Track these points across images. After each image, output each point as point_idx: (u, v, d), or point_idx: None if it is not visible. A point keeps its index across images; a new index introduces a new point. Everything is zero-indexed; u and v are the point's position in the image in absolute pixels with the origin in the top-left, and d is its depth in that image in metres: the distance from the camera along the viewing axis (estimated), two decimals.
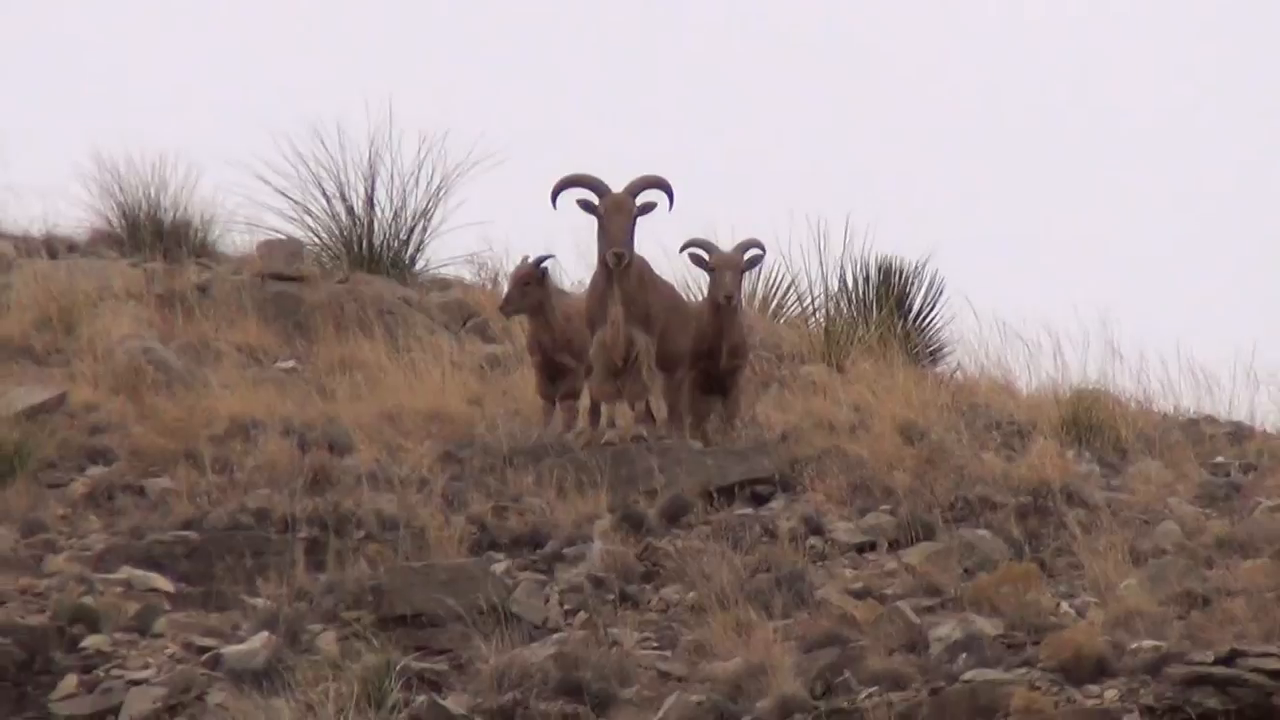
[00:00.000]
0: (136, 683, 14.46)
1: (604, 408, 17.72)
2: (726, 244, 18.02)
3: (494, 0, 47.93)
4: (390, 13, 47.40)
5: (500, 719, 14.34)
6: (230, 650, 14.72)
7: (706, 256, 17.93)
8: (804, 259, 23.40)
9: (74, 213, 24.22)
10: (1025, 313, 24.17)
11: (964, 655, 14.67)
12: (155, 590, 15.39)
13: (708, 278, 18.10)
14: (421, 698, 14.32)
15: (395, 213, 24.05)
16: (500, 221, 25.74)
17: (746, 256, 18.05)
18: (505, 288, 19.08)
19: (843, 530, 16.73)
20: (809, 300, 23.50)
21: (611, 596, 15.84)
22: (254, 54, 45.74)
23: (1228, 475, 17.95)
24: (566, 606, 15.69)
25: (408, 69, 43.79)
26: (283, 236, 23.78)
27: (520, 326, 19.14)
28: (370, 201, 24.11)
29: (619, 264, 17.32)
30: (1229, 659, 14.22)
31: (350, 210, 24.12)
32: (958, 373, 21.67)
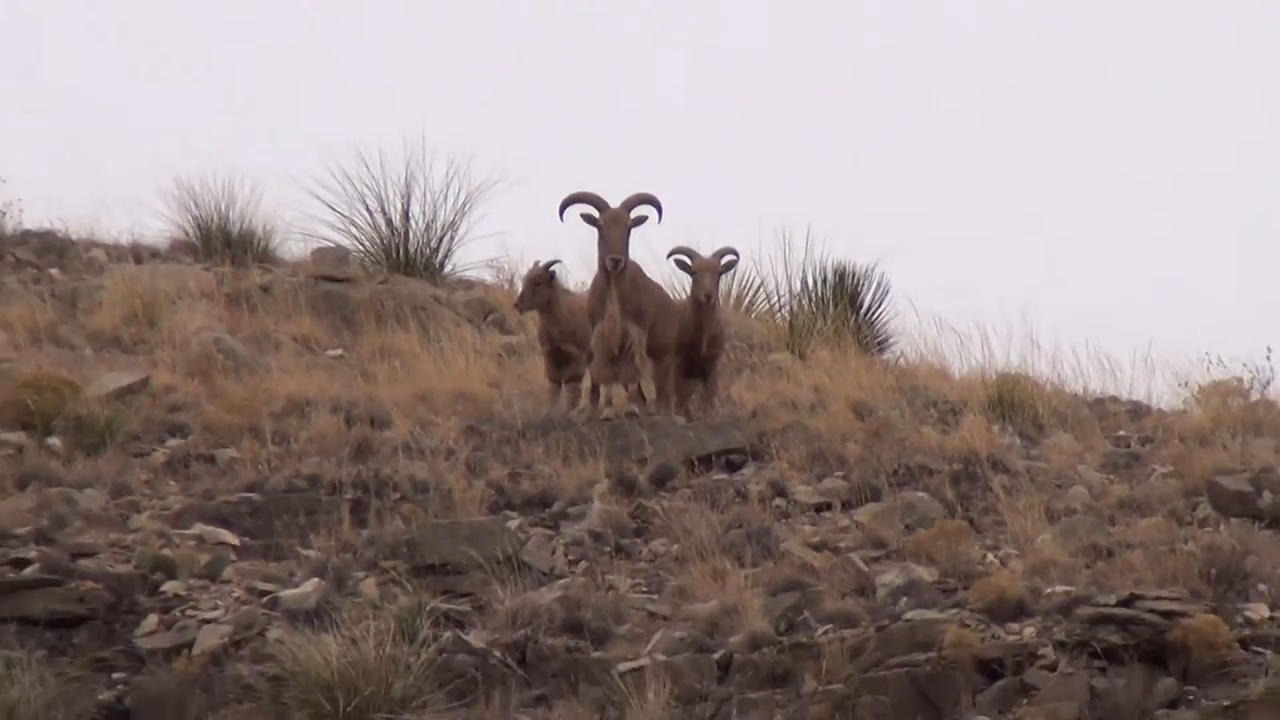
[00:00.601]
0: (207, 621, 14.42)
1: (602, 389, 17.60)
2: (706, 251, 17.87)
3: (508, 45, 47.79)
4: (424, 54, 47.21)
5: (514, 652, 14.26)
6: (286, 594, 14.68)
7: (689, 261, 17.78)
8: (771, 263, 23.20)
9: (156, 224, 24.11)
10: (958, 308, 24.29)
11: (905, 598, 14.60)
12: (223, 543, 15.33)
13: (690, 280, 17.93)
14: (447, 634, 14.27)
15: (427, 225, 23.89)
16: (515, 232, 25.43)
17: (723, 261, 17.92)
18: (520, 288, 18.93)
19: (803, 493, 16.63)
20: (775, 298, 23.31)
21: (608, 548, 15.74)
22: (308, 90, 45.60)
23: (1128, 447, 17.87)
24: (570, 557, 15.62)
25: (438, 103, 43.62)
26: (332, 244, 23.70)
27: (532, 321, 19.01)
28: (406, 215, 23.94)
29: (616, 268, 17.21)
30: (1128, 602, 14.19)
31: (389, 222, 23.95)
32: (900, 359, 21.54)
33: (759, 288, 23.47)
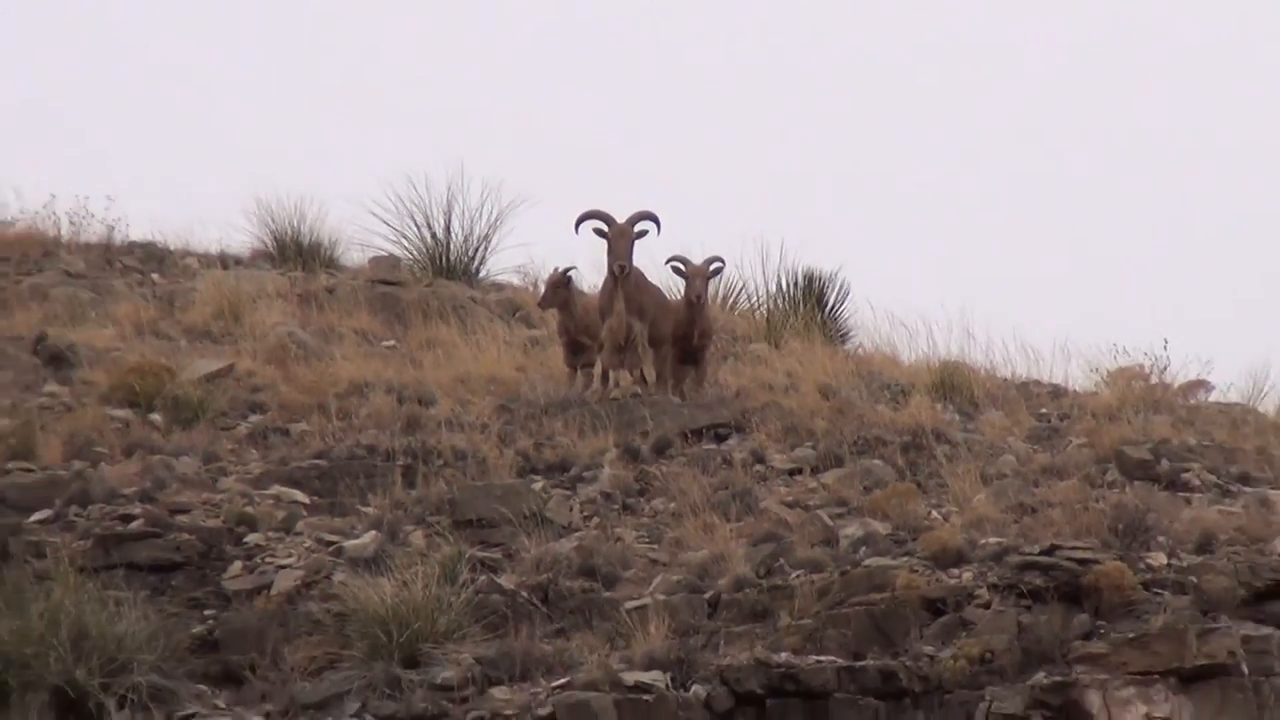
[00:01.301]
0: (283, 567, 14.33)
1: (611, 374, 17.43)
2: (697, 259, 17.72)
3: (530, 83, 47.93)
4: (462, 93, 47.33)
5: (538, 592, 14.15)
6: (349, 544, 14.57)
7: (683, 267, 17.59)
8: (751, 269, 23.09)
9: (240, 237, 24.01)
10: (907, 306, 24.33)
11: (864, 548, 14.50)
12: (296, 502, 15.26)
13: (684, 283, 17.77)
14: (482, 577, 14.15)
15: (465, 237, 23.71)
16: (538, 243, 25.53)
17: (711, 268, 17.72)
18: (542, 290, 18.81)
19: (778, 460, 16.49)
20: (755, 298, 23.19)
21: (616, 506, 15.64)
22: (368, 122, 45.73)
23: (1049, 422, 17.76)
24: (584, 513, 15.49)
25: (475, 134, 43.74)
26: (386, 254, 23.51)
27: (552, 317, 18.89)
28: (447, 229, 23.76)
29: (622, 274, 17.07)
30: (1049, 551, 14.11)
31: (434, 235, 23.78)
32: (859, 349, 21.42)
33: (741, 289, 23.32)
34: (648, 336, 17.34)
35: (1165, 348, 19.13)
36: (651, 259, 17.80)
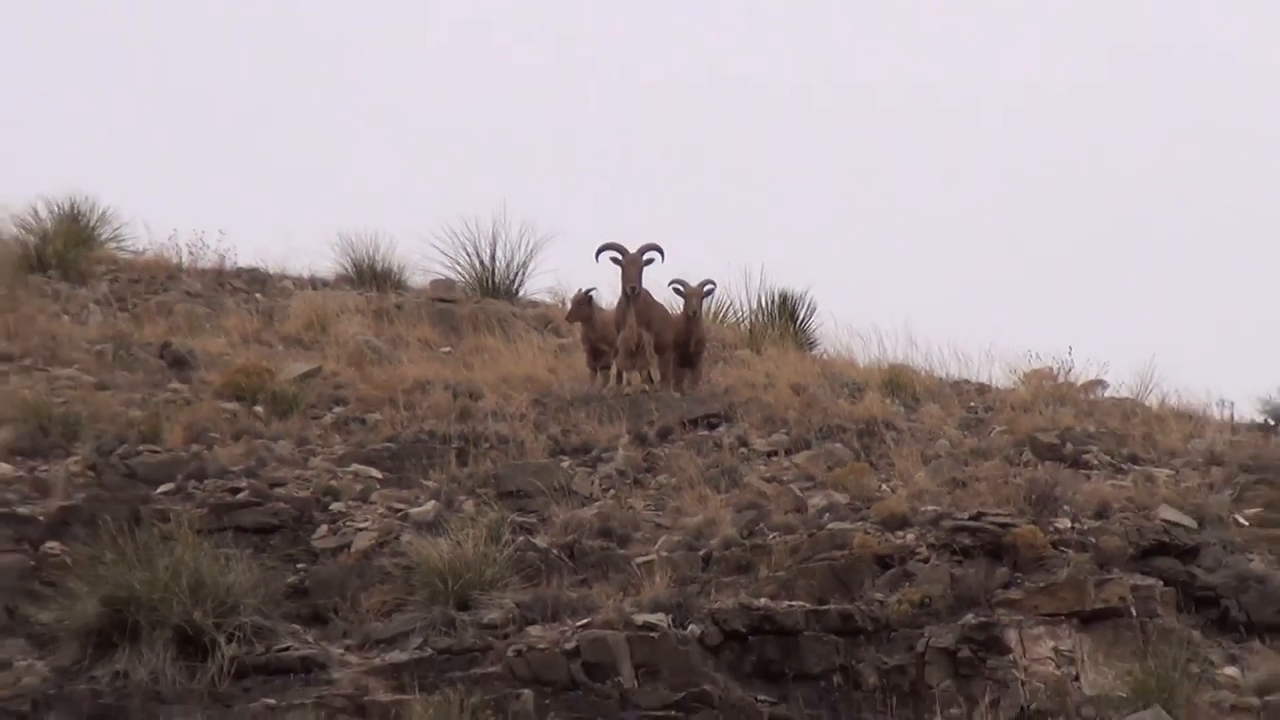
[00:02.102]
0: (360, 530, 14.28)
1: (624, 375, 17.27)
2: (694, 280, 17.54)
3: (566, 132, 47.77)
4: (501, 143, 47.16)
5: (566, 550, 14.11)
6: (413, 510, 14.51)
7: (682, 288, 17.42)
8: (737, 289, 22.86)
9: (326, 264, 23.84)
10: (862, 318, 24.23)
11: (827, 514, 14.42)
12: (371, 477, 15.17)
13: (683, 301, 17.59)
14: (521, 537, 14.09)
15: (507, 264, 23.49)
16: (565, 268, 25.36)
17: (705, 289, 17.55)
18: (569, 306, 18.67)
19: (759, 444, 16.34)
20: (740, 313, 23.00)
21: (628, 481, 15.51)
22: (429, 167, 45.59)
23: (976, 413, 17.63)
24: (603, 486, 15.36)
25: (513, 178, 43.55)
26: (444, 277, 23.43)
27: (576, 329, 18.75)
28: (493, 257, 23.54)
29: (633, 294, 16.92)
30: (977, 517, 14.03)
31: (481, 262, 23.62)
32: (824, 354, 21.24)
33: (729, 306, 23.05)
34: (654, 344, 17.16)
35: (1070, 353, 19.04)
36: (657, 281, 17.68)
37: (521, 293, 23.23)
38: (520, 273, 23.31)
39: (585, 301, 17.84)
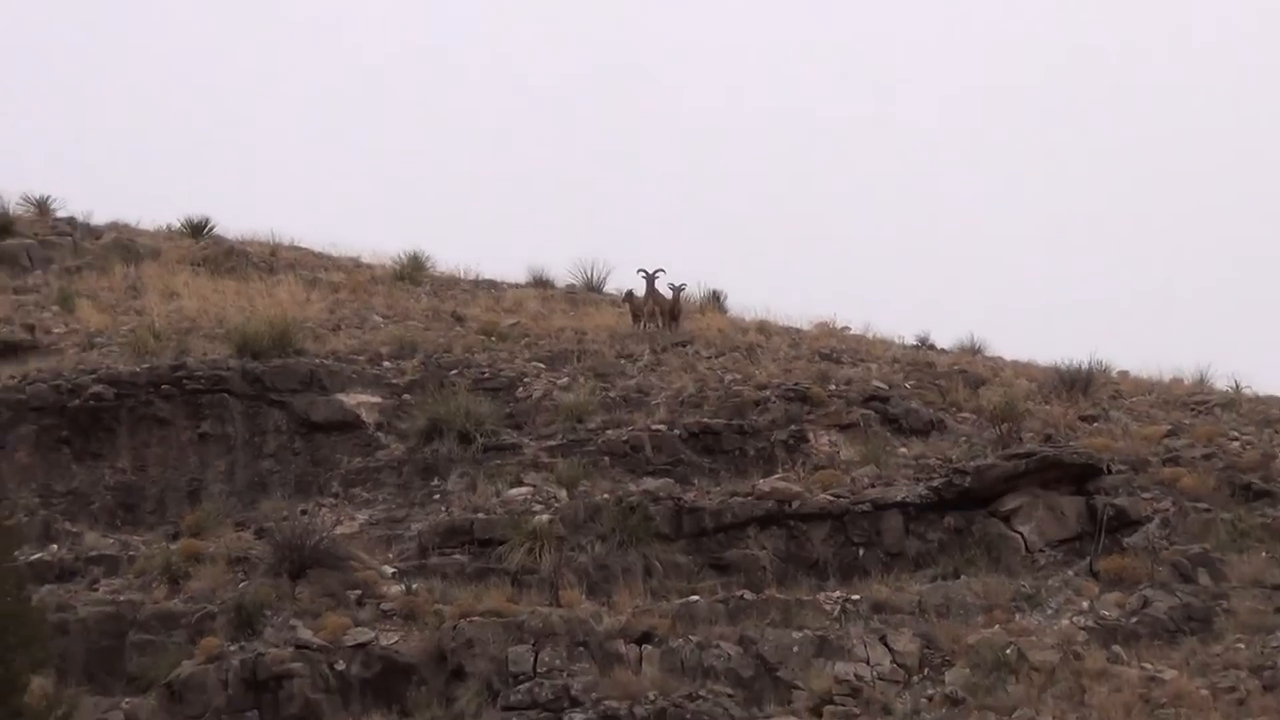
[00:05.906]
0: None
1: (646, 324, 25.84)
2: (676, 280, 26.42)
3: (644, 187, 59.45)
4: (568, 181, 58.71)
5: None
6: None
7: (673, 286, 26.13)
8: (699, 286, 30.16)
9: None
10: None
11: (729, 377, 21.12)
12: None
13: (672, 291, 26.08)
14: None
15: (596, 275, 32.07)
16: (626, 280, 30.29)
17: (681, 285, 26.65)
18: (630, 294, 27.03)
19: (705, 353, 24.27)
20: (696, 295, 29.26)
21: (653, 367, 23.81)
22: (550, 207, 56.88)
23: None
24: (640, 367, 23.51)
25: (581, 213, 55.05)
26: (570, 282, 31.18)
27: (626, 305, 27.12)
28: (592, 271, 32.17)
29: (651, 288, 26.05)
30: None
31: (586, 273, 31.78)
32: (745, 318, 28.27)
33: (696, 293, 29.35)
34: (659, 310, 26.08)
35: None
36: (661, 283, 26.41)
37: (605, 289, 31.71)
38: (604, 279, 32.36)
39: (651, 281, 25.74)
